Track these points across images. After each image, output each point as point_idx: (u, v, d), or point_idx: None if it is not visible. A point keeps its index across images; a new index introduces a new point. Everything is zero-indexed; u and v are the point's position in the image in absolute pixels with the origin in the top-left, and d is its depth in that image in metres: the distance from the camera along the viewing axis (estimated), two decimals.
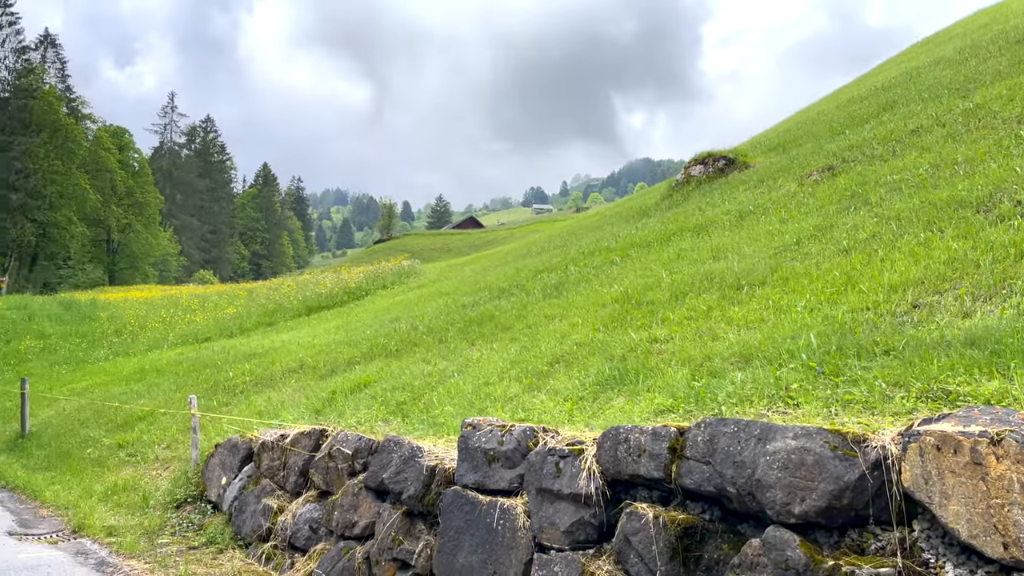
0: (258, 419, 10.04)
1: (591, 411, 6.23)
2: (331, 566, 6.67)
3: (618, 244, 13.89)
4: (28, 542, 8.38)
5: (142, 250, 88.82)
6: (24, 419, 13.58)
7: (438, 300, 16.05)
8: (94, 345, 21.79)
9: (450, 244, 67.57)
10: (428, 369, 9.60)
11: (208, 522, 8.66)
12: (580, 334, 8.35)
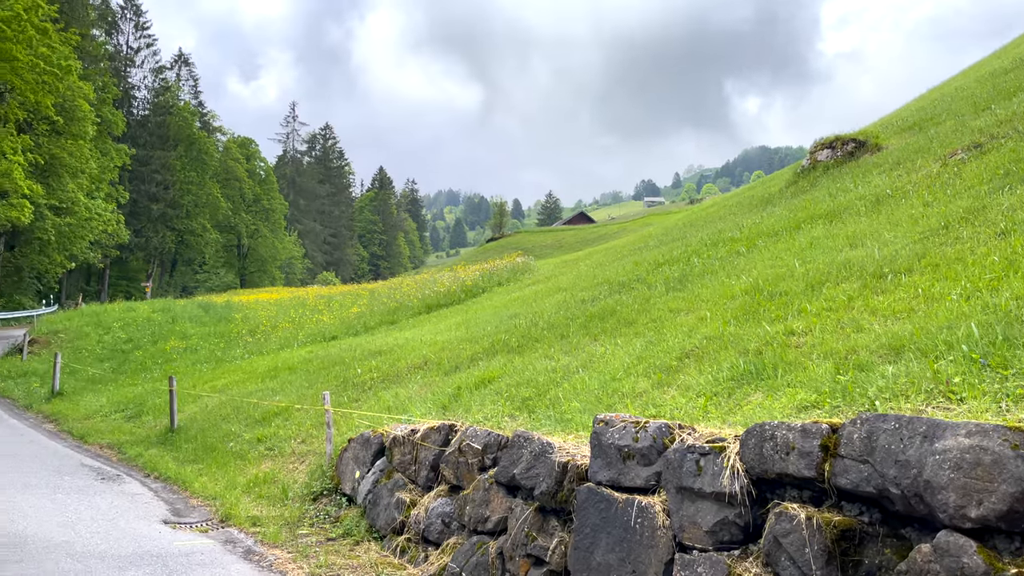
0: (387, 414, 10.30)
1: (727, 407, 6.01)
2: (465, 560, 6.73)
3: (743, 234, 13.42)
4: (181, 530, 8.91)
5: (269, 254, 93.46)
6: (173, 415, 14.50)
7: (556, 296, 16.01)
8: (231, 345, 23.06)
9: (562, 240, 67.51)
10: (551, 365, 9.57)
11: (343, 514, 8.95)
12: (709, 328, 8.10)
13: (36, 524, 8.57)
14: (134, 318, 29.57)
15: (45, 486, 10.70)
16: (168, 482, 11.52)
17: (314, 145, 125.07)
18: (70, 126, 48.48)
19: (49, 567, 7.07)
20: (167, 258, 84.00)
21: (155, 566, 7.32)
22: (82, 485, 10.99)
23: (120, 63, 76.06)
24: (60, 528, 8.51)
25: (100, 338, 27.10)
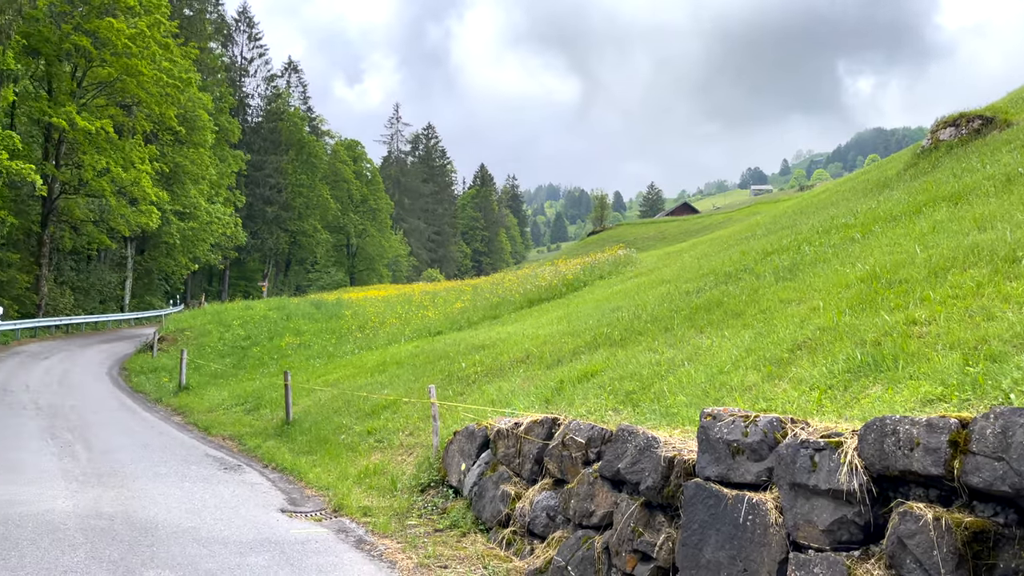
0: (491, 408, 10.38)
1: (843, 401, 5.72)
2: (570, 554, 6.69)
3: (857, 220, 12.77)
4: (297, 519, 9.26)
5: (377, 252, 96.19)
6: (288, 408, 15.12)
7: (659, 288, 15.73)
8: (341, 340, 23.86)
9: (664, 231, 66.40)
10: (655, 358, 9.39)
11: (450, 506, 9.08)
12: (822, 318, 7.74)
13: (166, 511, 9.10)
14: (252, 316, 31.05)
15: (174, 475, 11.35)
16: (284, 472, 12.00)
17: (417, 145, 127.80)
18: (191, 135, 51.34)
19: (176, 551, 7.49)
20: (281, 258, 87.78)
21: (273, 552, 7.63)
22: (207, 474, 11.60)
23: (235, 73, 79.92)
24: (187, 515, 9.01)
25: (221, 335, 28.60)
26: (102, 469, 11.41)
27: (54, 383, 22.01)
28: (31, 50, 37.52)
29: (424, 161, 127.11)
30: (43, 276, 40.31)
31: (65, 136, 38.78)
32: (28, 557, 6.98)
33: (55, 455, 12.29)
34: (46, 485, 10.11)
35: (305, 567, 7.21)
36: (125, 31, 37.97)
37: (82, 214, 42.39)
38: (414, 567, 7.34)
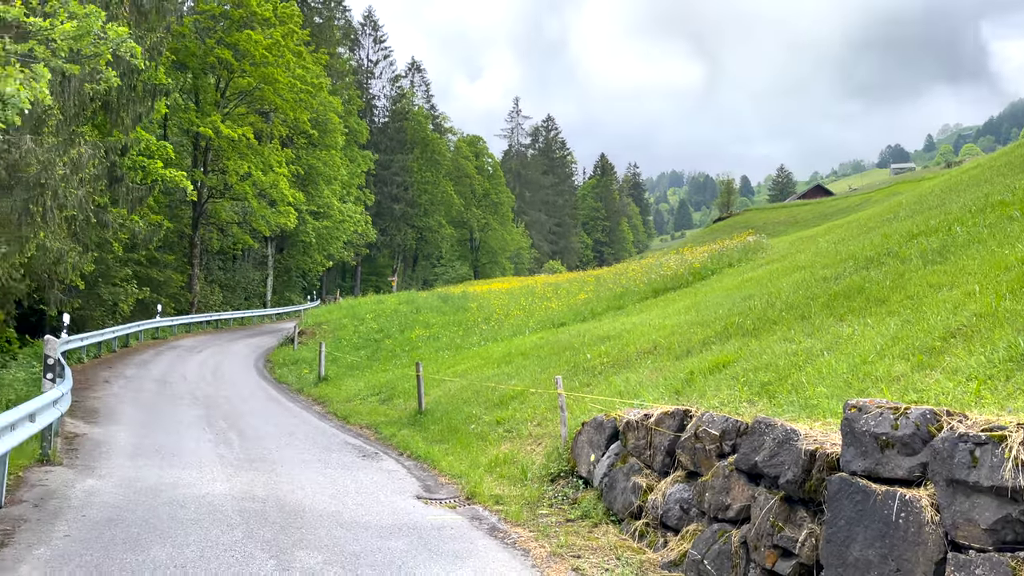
0: (619, 399, 10.32)
1: (1004, 392, 5.31)
2: (706, 548, 6.56)
3: (1016, 197, 11.79)
4: (432, 506, 9.55)
5: (499, 245, 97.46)
6: (420, 398, 15.60)
7: (793, 275, 15.11)
8: (468, 332, 24.36)
9: (796, 216, 63.65)
10: (792, 348, 9.03)
11: (580, 496, 9.10)
12: (978, 304, 7.20)
13: (311, 495, 9.60)
14: (384, 310, 32.23)
15: (317, 462, 11.96)
16: (419, 460, 12.39)
17: (537, 137, 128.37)
18: (323, 138, 53.74)
19: (322, 534, 7.88)
20: (409, 254, 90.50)
21: (412, 537, 7.90)
22: (347, 461, 12.15)
23: (362, 76, 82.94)
24: (331, 500, 9.47)
25: (356, 328, 29.84)
26: (253, 455, 12.16)
27: (208, 375, 23.62)
28: (179, 64, 40.37)
29: (544, 153, 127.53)
30: (195, 275, 43.35)
31: (211, 144, 41.50)
32: (192, 535, 7.55)
33: (212, 441, 13.21)
34: (205, 469, 10.88)
35: (442, 552, 7.43)
36: (262, 42, 40.18)
37: (227, 216, 45.25)
38: (547, 556, 7.41)
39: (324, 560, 6.98)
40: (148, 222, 32.70)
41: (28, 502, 8.49)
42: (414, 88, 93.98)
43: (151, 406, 16.91)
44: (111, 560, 6.69)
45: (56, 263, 21.20)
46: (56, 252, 20.41)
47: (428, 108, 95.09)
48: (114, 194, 26.29)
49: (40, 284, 24.77)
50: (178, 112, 40.95)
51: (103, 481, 9.73)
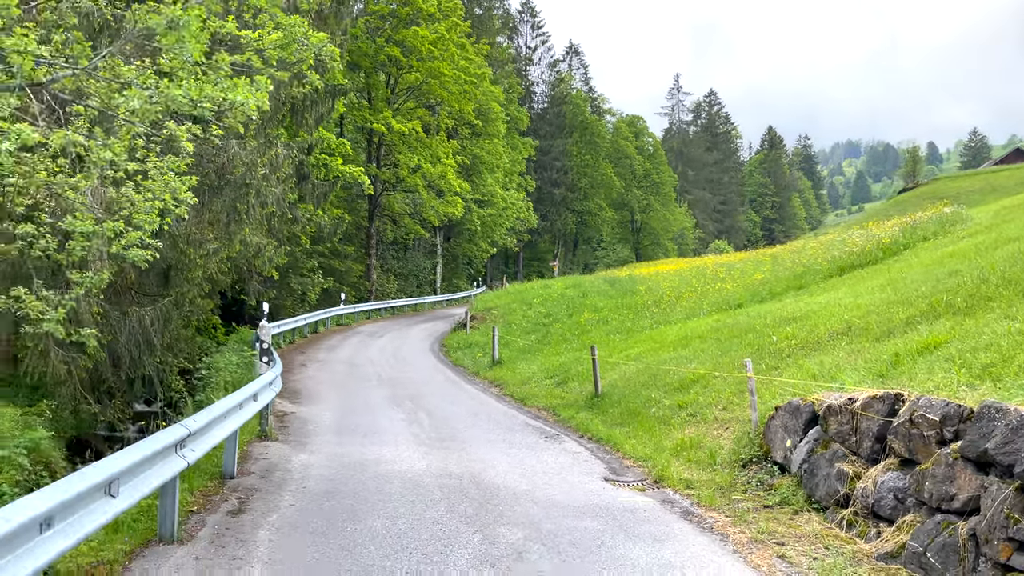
0: (813, 382, 9.86)
1: None
2: (928, 540, 6.15)
3: None
4: (620, 488, 9.57)
5: (661, 227, 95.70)
6: (596, 381, 15.66)
7: (1005, 247, 13.77)
8: (638, 315, 24.14)
9: (994, 183, 57.87)
10: (1016, 327, 8.24)
11: (776, 482, 8.79)
12: None
13: (502, 474, 9.91)
14: (550, 295, 32.59)
15: (501, 442, 12.32)
16: (600, 443, 12.45)
17: (699, 114, 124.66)
18: (486, 127, 54.96)
19: (519, 511, 8.12)
20: (569, 238, 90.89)
21: (606, 518, 7.97)
22: (530, 442, 12.44)
23: (520, 63, 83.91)
24: (521, 478, 9.74)
25: (524, 313, 30.39)
26: (442, 434, 12.72)
27: (390, 358, 24.93)
28: (353, 65, 42.59)
29: (706, 129, 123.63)
30: (372, 265, 45.82)
31: (383, 139, 43.58)
32: (401, 509, 8.01)
33: (403, 421, 13.94)
34: (401, 447, 11.51)
35: (639, 535, 7.44)
36: (428, 37, 41.61)
37: (400, 208, 47.40)
38: (748, 542, 7.23)
39: (525, 536, 7.19)
40: (331, 216, 34.92)
41: (255, 473, 9.35)
42: (572, 72, 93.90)
43: (344, 387, 18.09)
44: (334, 529, 7.24)
45: (256, 256, 23.10)
46: (256, 246, 22.24)
47: (586, 91, 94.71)
48: (302, 191, 28.25)
49: (241, 276, 27.07)
50: (352, 110, 43.29)
51: (315, 456, 10.53)
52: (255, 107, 7.65)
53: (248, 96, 7.39)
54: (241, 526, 7.20)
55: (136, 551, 6.30)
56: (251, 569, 6.06)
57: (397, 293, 49.93)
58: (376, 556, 6.51)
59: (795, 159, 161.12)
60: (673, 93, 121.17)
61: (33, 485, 11.80)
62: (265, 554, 6.44)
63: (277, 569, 6.10)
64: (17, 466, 11.54)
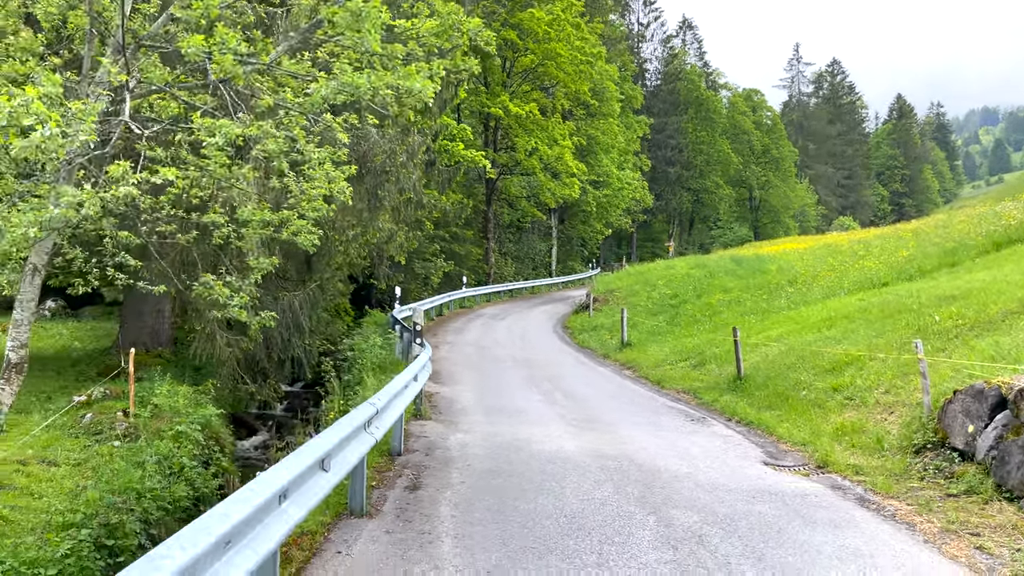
0: (993, 364, 9.26)
1: None
2: None
3: None
4: (783, 472, 9.32)
5: (781, 204, 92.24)
6: (738, 363, 15.27)
7: None
8: (773, 295, 23.38)
9: None
10: None
11: (958, 470, 8.33)
12: None
13: (658, 456, 9.84)
14: (674, 275, 32.04)
15: (648, 424, 12.24)
16: (750, 426, 12.16)
17: (820, 84, 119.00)
18: (601, 107, 54.41)
19: (686, 494, 8.03)
20: (684, 218, 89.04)
21: (776, 503, 7.77)
22: (676, 425, 12.30)
23: (633, 40, 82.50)
24: (678, 461, 9.63)
25: (648, 295, 30.02)
26: (586, 415, 12.76)
27: (517, 340, 25.20)
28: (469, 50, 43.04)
29: (829, 100, 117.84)
30: (490, 248, 46.41)
31: (500, 123, 43.89)
32: (567, 488, 8.09)
33: (542, 402, 14.08)
34: (548, 427, 11.62)
35: (816, 521, 7.22)
36: (544, 19, 41.50)
37: (516, 191, 47.72)
38: (938, 532, 6.89)
39: (701, 520, 7.11)
40: (454, 201, 35.53)
41: (419, 451, 9.67)
42: (685, 47, 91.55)
43: (479, 368, 18.42)
44: (507, 507, 7.39)
45: (388, 241, 23.82)
46: (388, 232, 22.93)
47: (700, 66, 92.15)
48: (428, 177, 28.89)
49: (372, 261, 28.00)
50: (470, 95, 43.78)
51: (469, 435, 10.79)
52: (432, 94, 7.86)
53: (427, 83, 7.60)
54: (420, 502, 7.46)
55: (332, 523, 6.64)
56: (442, 544, 6.26)
57: (514, 276, 50.39)
58: (556, 534, 6.60)
59: (926, 128, 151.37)
60: (792, 64, 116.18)
61: (207, 458, 12.68)
62: (451, 529, 6.65)
63: (466, 544, 6.28)
64: (194, 441, 12.41)
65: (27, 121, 5.47)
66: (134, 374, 13.34)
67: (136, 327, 18.53)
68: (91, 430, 12.37)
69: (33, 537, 8.36)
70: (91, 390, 13.61)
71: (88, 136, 6.25)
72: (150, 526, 10.21)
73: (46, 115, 5.42)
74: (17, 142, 5.64)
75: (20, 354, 7.27)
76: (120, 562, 9.19)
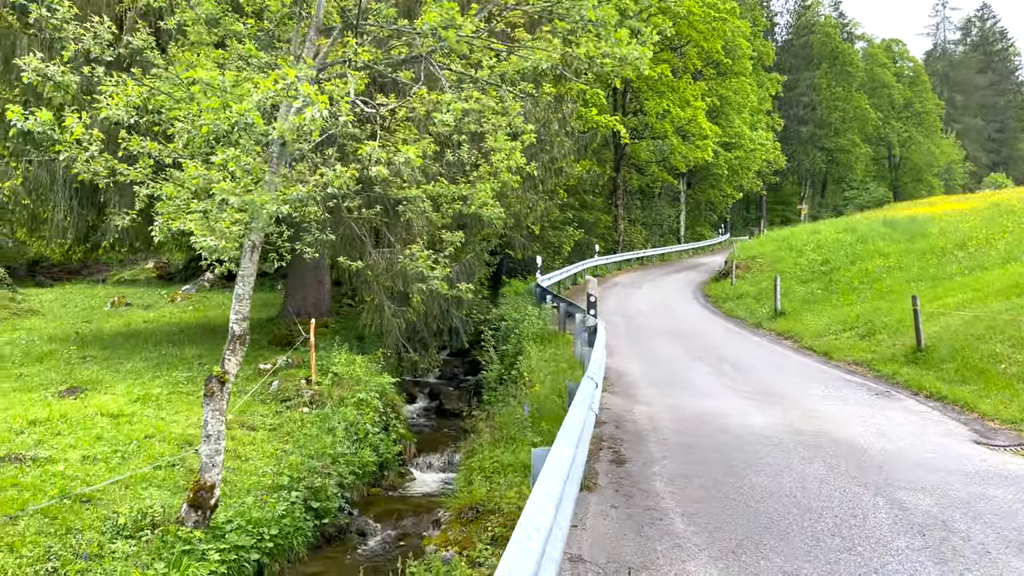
0: None
1: None
2: None
3: None
4: (1001, 452, 8.71)
5: (924, 161, 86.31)
6: (918, 334, 14.36)
7: None
8: (941, 261, 21.86)
9: None
10: None
11: None
12: None
13: (855, 433, 9.40)
14: (822, 240, 30.53)
15: (830, 398, 11.73)
16: (944, 402, 11.47)
17: (968, 31, 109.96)
18: (733, 65, 52.31)
19: (904, 474, 7.62)
20: (817, 179, 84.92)
21: (1011, 487, 7.25)
22: (861, 399, 11.73)
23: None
24: (877, 438, 9.17)
25: (795, 261, 28.77)
26: (758, 388, 12.37)
27: (659, 309, 24.82)
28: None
29: (978, 48, 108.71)
30: (619, 215, 45.80)
31: (629, 86, 42.95)
32: (776, 466, 7.83)
33: (711, 374, 13.77)
34: (725, 400, 11.34)
35: None
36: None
37: (646, 156, 46.71)
38: None
39: (935, 503, 6.72)
40: (587, 169, 35.19)
41: (609, 423, 9.64)
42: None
43: (633, 339, 18.23)
44: (721, 484, 7.24)
45: (530, 211, 23.83)
46: (531, 201, 22.93)
47: (836, 17, 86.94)
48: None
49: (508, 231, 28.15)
50: None
51: (651, 408, 10.67)
52: (648, 61, 7.67)
53: (643, 51, 7.42)
54: (632, 476, 7.42)
55: None
56: (673, 521, 6.19)
57: (643, 243, 49.64)
58: (784, 515, 6.40)
59: None
60: (937, 10, 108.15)
61: (386, 424, 13.15)
62: (674, 506, 6.57)
63: (698, 522, 6.18)
64: (374, 408, 12.90)
65: (296, 103, 5.70)
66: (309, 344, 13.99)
67: (299, 298, 19.41)
68: (279, 397, 13.07)
69: (251, 498, 8.89)
70: (275, 359, 14.36)
71: (347, 117, 6.48)
72: (344, 489, 10.73)
73: (313, 97, 5.60)
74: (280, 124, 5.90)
75: (243, 326, 7.64)
76: (324, 523, 9.72)
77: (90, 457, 9.43)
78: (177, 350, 16.25)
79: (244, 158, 5.91)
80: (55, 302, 26.14)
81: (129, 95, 6.35)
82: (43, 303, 25.08)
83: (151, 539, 7.65)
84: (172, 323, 21.45)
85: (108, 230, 14.26)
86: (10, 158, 13.42)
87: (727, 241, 60.38)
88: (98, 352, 16.16)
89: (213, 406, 7.97)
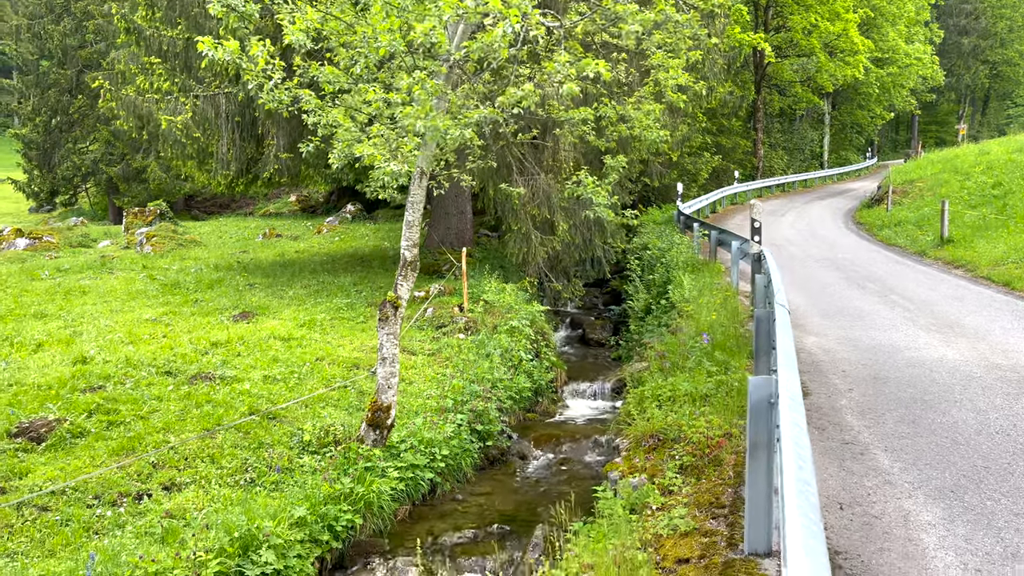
0: None
1: None
2: None
3: None
4: None
5: None
6: None
7: None
8: None
9: None
10: None
11: None
12: None
13: None
14: (992, 161, 27.92)
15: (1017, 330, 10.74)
16: None
17: None
18: None
19: None
20: (979, 96, 77.70)
21: None
22: None
23: None
24: None
25: (961, 184, 26.49)
26: (938, 320, 11.49)
27: (808, 237, 23.59)
28: None
29: None
30: (758, 140, 43.61)
31: (772, 2, 40.23)
32: (978, 401, 7.23)
33: (880, 303, 12.93)
34: (904, 331, 10.59)
35: None
36: None
37: (788, 76, 43.97)
38: None
39: None
40: (729, 90, 33.45)
41: None
42: None
43: (786, 268, 17.26)
44: (920, 418, 6.75)
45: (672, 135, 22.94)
46: (672, 125, 22.05)
47: None
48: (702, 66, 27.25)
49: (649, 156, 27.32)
50: None
51: (824, 340, 10.12)
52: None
53: None
54: (821, 409, 7.05)
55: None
56: (877, 457, 5.83)
57: (785, 169, 47.23)
58: (997, 453, 5.88)
59: None
60: None
61: (537, 352, 13.20)
62: (874, 441, 6.18)
63: (903, 459, 5.79)
64: (526, 335, 12.96)
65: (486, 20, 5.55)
66: (460, 272, 14.16)
67: (443, 228, 19.66)
68: (434, 323, 13.35)
69: (420, 420, 9.14)
70: (428, 287, 14.66)
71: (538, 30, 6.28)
72: (503, 414, 10.88)
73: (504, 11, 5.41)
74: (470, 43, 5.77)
75: (413, 252, 7.69)
76: (488, 445, 9.90)
77: (270, 377, 9.96)
78: (332, 278, 16.88)
79: (430, 82, 5.80)
80: (211, 234, 27.78)
81: (309, 19, 6.34)
82: (201, 235, 26.68)
83: (335, 455, 8.01)
84: (322, 253, 22.31)
85: (268, 161, 14.78)
86: (179, 94, 14.06)
87: (876, 165, 56.56)
88: (260, 280, 17.04)
89: (388, 330, 8.14)
